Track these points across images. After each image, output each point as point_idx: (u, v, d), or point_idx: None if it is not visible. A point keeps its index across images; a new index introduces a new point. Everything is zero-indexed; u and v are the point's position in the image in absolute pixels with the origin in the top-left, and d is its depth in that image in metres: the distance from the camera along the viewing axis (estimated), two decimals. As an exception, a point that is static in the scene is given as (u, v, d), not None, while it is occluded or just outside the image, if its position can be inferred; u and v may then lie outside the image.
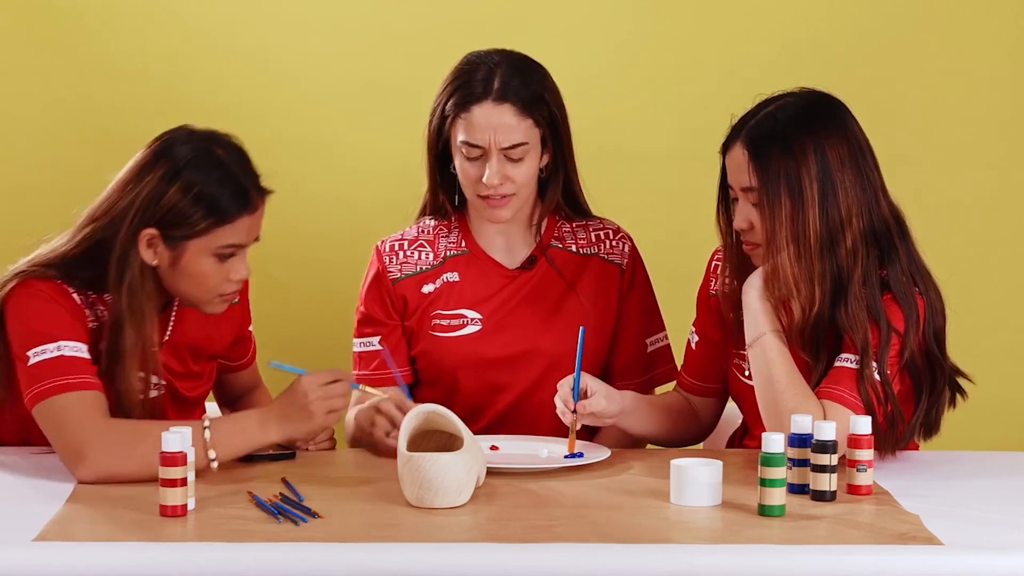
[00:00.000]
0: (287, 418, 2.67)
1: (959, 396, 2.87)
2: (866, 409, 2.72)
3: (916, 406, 2.82)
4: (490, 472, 2.67)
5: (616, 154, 3.86)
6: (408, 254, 3.17)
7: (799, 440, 2.59)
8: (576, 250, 3.18)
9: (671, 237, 3.75)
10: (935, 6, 3.89)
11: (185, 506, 2.44)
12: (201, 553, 2.28)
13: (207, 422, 2.65)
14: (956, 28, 3.89)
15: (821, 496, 2.56)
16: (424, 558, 2.28)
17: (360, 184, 3.91)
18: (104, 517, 2.44)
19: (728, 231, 2.91)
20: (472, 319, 3.13)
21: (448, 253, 3.16)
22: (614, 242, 3.20)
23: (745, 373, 2.92)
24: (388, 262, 3.16)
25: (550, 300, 3.15)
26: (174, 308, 2.91)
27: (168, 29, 3.87)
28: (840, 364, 2.77)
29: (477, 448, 2.59)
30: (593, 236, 3.20)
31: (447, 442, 2.60)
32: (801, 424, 2.60)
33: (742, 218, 2.83)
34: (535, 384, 3.12)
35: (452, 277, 3.15)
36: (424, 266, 3.16)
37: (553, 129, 3.08)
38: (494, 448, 2.90)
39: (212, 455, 2.62)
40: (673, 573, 2.26)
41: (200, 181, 2.73)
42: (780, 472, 2.47)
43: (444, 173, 3.13)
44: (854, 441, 2.60)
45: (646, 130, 3.91)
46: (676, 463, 2.55)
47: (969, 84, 3.90)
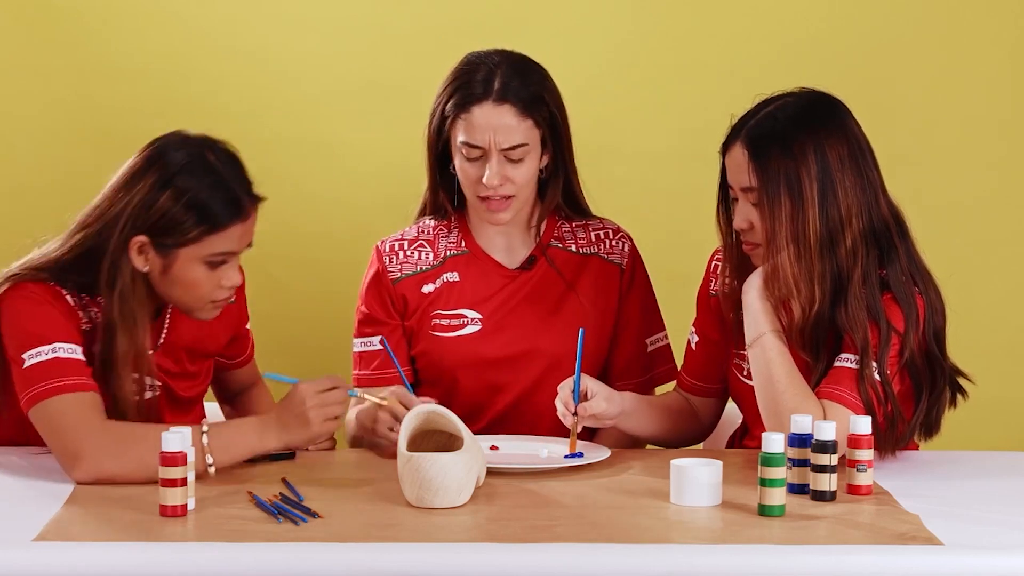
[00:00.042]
0: (285, 426, 2.67)
1: (959, 396, 2.87)
2: (866, 409, 2.72)
3: (916, 406, 2.82)
4: (490, 472, 2.67)
5: (616, 154, 3.86)
6: (408, 254, 3.17)
7: (799, 440, 2.59)
8: (576, 250, 3.18)
9: (671, 237, 3.75)
10: (935, 6, 3.89)
11: (185, 506, 2.44)
12: (201, 553, 2.28)
13: (206, 427, 2.64)
14: (956, 28, 3.89)
15: (821, 496, 2.55)
16: (424, 558, 2.28)
17: (360, 184, 3.91)
18: (104, 517, 2.44)
19: (728, 231, 2.91)
20: (472, 319, 3.13)
21: (448, 253, 3.16)
22: (614, 242, 3.20)
23: (745, 373, 2.92)
24: (388, 262, 3.16)
25: (550, 300, 3.15)
26: (168, 311, 2.90)
27: (168, 29, 3.87)
28: (840, 364, 2.77)
29: (477, 448, 2.59)
30: (593, 236, 3.20)
31: (447, 442, 2.60)
32: (801, 424, 2.60)
33: (742, 218, 2.83)
34: (535, 384, 3.12)
35: (452, 277, 3.15)
36: (424, 266, 3.16)
37: (553, 130, 3.07)
38: (494, 448, 2.90)
39: (209, 460, 2.62)
40: (673, 573, 2.26)
41: (191, 189, 2.71)
42: (780, 472, 2.47)
43: (444, 173, 3.12)
44: (854, 441, 2.59)
45: (646, 130, 3.91)
46: (676, 463, 2.55)
47: (969, 84, 3.90)
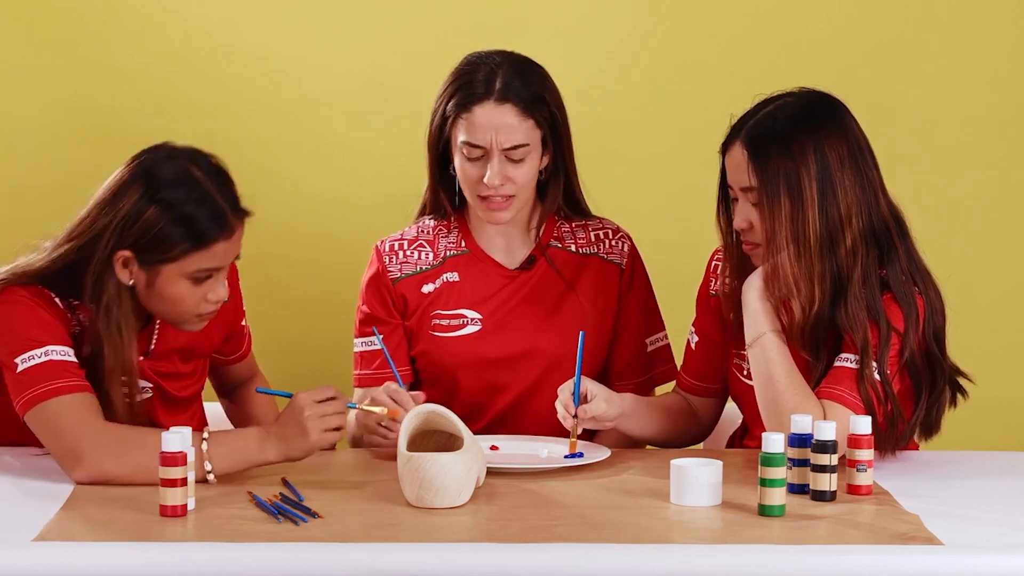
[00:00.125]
0: (285, 438, 2.65)
1: (959, 396, 2.87)
2: (866, 409, 2.72)
3: (916, 406, 2.82)
4: (490, 472, 2.67)
5: (616, 154, 3.86)
6: (408, 254, 3.16)
7: (799, 440, 2.59)
8: (575, 250, 3.18)
9: (671, 237, 3.75)
10: (935, 6, 3.88)
11: (185, 506, 2.44)
12: (201, 553, 2.28)
13: (206, 434, 2.64)
14: (956, 28, 3.89)
15: (821, 496, 2.55)
16: (424, 558, 2.28)
17: (360, 184, 3.90)
18: (104, 517, 2.44)
19: (728, 231, 2.91)
20: (472, 319, 3.13)
21: (448, 253, 3.16)
22: (613, 242, 3.20)
23: (745, 373, 2.92)
24: (388, 262, 3.16)
25: (550, 300, 3.15)
26: (157, 318, 2.88)
27: (168, 29, 3.87)
28: (840, 364, 2.77)
29: (477, 448, 2.59)
30: (592, 236, 3.20)
31: (447, 442, 2.60)
32: (801, 424, 2.60)
33: (742, 218, 2.83)
34: (535, 384, 3.11)
35: (452, 277, 3.15)
36: (424, 266, 3.16)
37: (554, 130, 3.07)
38: (494, 448, 2.90)
39: (208, 467, 2.61)
40: (673, 573, 2.26)
41: (176, 206, 2.68)
42: (780, 472, 2.46)
43: (444, 173, 3.12)
44: (854, 441, 2.59)
45: (646, 130, 3.91)
46: (676, 463, 2.55)
47: (969, 84, 3.90)
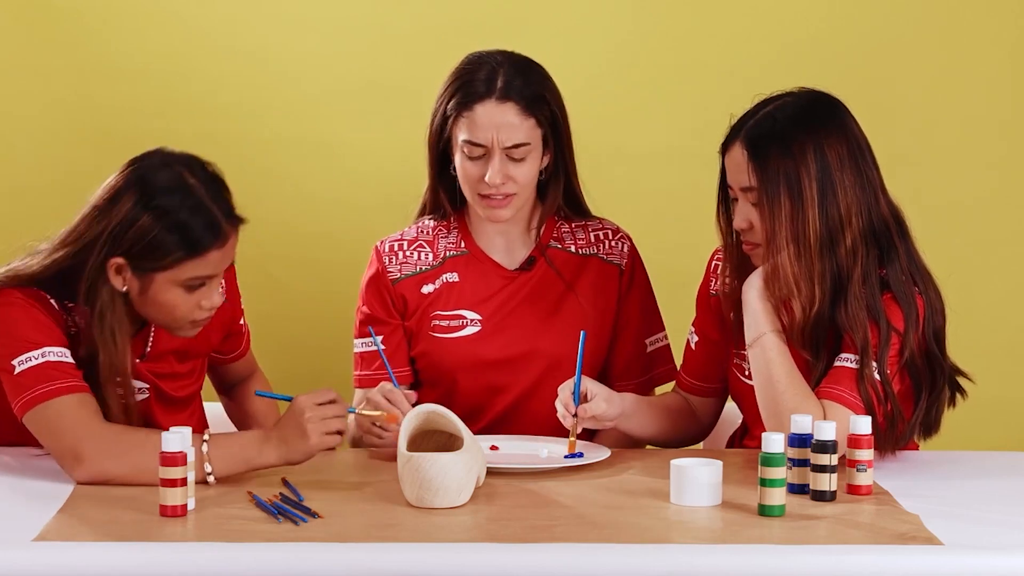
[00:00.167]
0: (285, 440, 2.64)
1: (959, 395, 2.87)
2: (866, 409, 2.72)
3: (916, 406, 2.82)
4: (490, 472, 2.67)
5: (616, 154, 3.86)
6: (408, 254, 3.16)
7: (799, 440, 2.59)
8: (575, 250, 3.18)
9: (671, 237, 3.75)
10: (935, 6, 3.88)
11: (185, 506, 2.44)
12: (201, 553, 2.28)
13: (207, 436, 2.64)
14: (956, 28, 3.89)
15: (821, 496, 2.55)
16: (424, 558, 2.28)
17: (360, 184, 3.90)
18: (104, 517, 2.44)
19: (728, 231, 2.91)
20: (471, 320, 3.13)
21: (447, 254, 3.16)
22: (613, 242, 3.19)
23: (745, 373, 2.92)
24: (388, 262, 3.16)
25: (549, 301, 3.14)
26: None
27: (168, 29, 3.86)
28: (840, 364, 2.77)
29: (477, 448, 2.59)
30: (592, 236, 3.19)
31: (447, 442, 2.60)
32: (801, 424, 2.60)
33: (742, 218, 2.83)
34: (534, 385, 3.11)
35: (451, 278, 3.15)
36: (424, 266, 3.15)
37: (554, 130, 3.07)
38: (494, 448, 2.90)
39: (208, 468, 2.61)
40: (673, 573, 2.26)
41: (170, 214, 2.67)
42: (780, 472, 2.46)
43: (444, 173, 3.12)
44: (854, 441, 2.59)
45: (646, 130, 3.91)
46: (676, 463, 2.55)
47: (969, 84, 3.90)
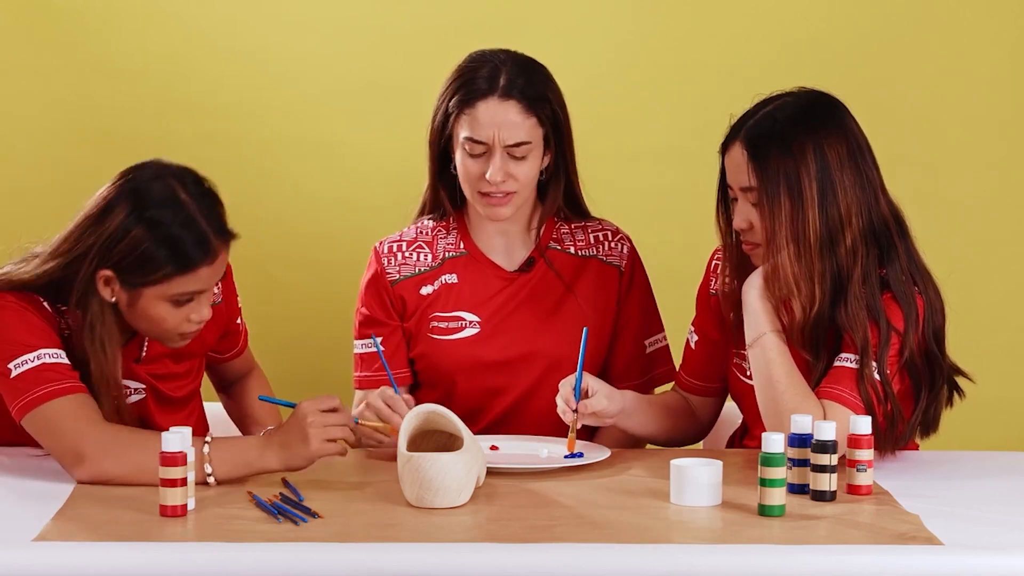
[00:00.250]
0: (287, 445, 2.64)
1: (957, 395, 2.87)
2: (866, 408, 2.72)
3: (916, 405, 2.82)
4: (490, 472, 2.67)
5: (616, 154, 3.86)
6: (407, 255, 3.16)
7: (799, 440, 2.59)
8: (575, 252, 3.18)
9: (671, 237, 3.75)
10: (935, 6, 3.88)
11: (185, 506, 2.44)
12: (201, 553, 2.28)
13: (209, 438, 2.64)
14: (956, 28, 3.89)
15: (821, 496, 2.55)
16: (424, 558, 2.28)
17: (360, 184, 3.90)
18: (104, 517, 2.44)
19: (728, 231, 2.91)
20: (471, 322, 3.13)
21: (447, 255, 3.16)
22: (613, 243, 3.19)
23: (746, 373, 2.92)
24: (386, 263, 3.15)
25: (549, 302, 3.14)
26: None
27: (168, 29, 3.87)
28: (840, 364, 2.77)
29: (477, 448, 2.59)
30: (592, 238, 3.19)
31: (447, 442, 2.60)
32: (801, 424, 2.60)
33: (741, 218, 2.83)
34: (534, 387, 3.11)
35: (450, 279, 3.14)
36: (423, 267, 3.15)
37: (556, 129, 3.07)
38: (494, 448, 2.90)
39: (208, 469, 2.61)
40: (673, 573, 2.26)
41: (160, 229, 2.66)
42: (780, 472, 2.46)
43: (444, 171, 3.12)
44: (854, 441, 2.59)
45: (646, 130, 3.91)
46: (676, 463, 2.54)
47: (969, 84, 3.90)
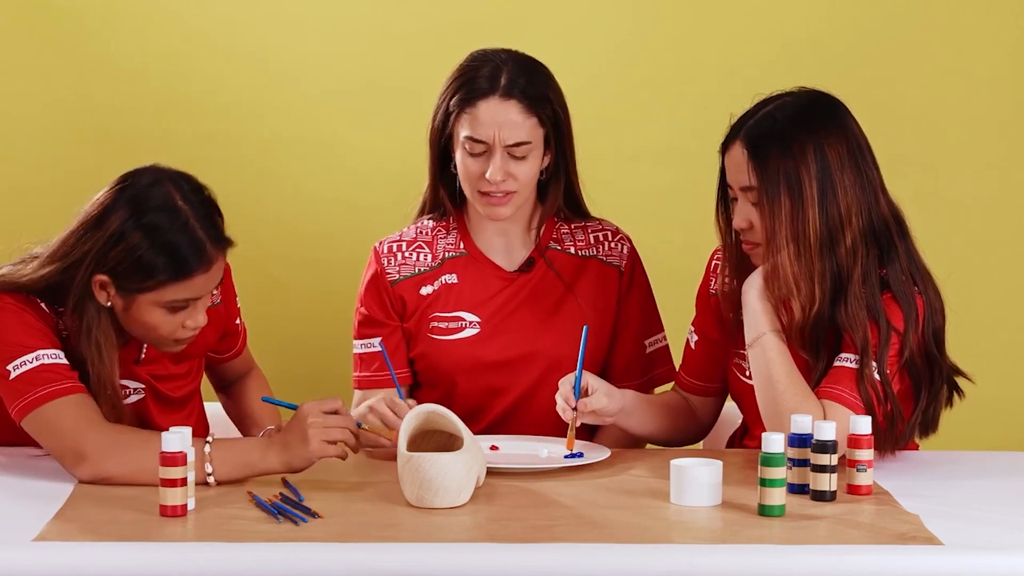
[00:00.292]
0: (287, 445, 2.64)
1: (956, 395, 2.87)
2: (866, 408, 2.72)
3: (915, 405, 2.82)
4: (490, 472, 2.67)
5: (616, 154, 3.86)
6: (407, 255, 3.16)
7: (799, 440, 2.59)
8: (575, 252, 3.18)
9: (671, 237, 3.75)
10: (935, 6, 3.88)
11: (185, 506, 2.44)
12: (201, 553, 2.28)
13: (210, 439, 2.64)
14: (956, 28, 3.89)
15: (821, 496, 2.55)
16: (424, 558, 2.28)
17: (360, 184, 3.90)
18: (104, 517, 2.44)
19: (728, 231, 2.91)
20: (471, 322, 3.13)
21: (446, 255, 3.16)
22: (613, 244, 3.19)
23: (745, 373, 2.92)
24: (386, 263, 3.15)
25: (549, 302, 3.14)
26: None
27: (168, 29, 3.87)
28: (840, 364, 2.77)
29: (477, 448, 2.59)
30: (592, 238, 3.19)
31: (447, 442, 2.60)
32: (801, 424, 2.60)
33: (741, 218, 2.83)
34: (534, 387, 3.11)
35: (450, 279, 3.14)
36: (422, 267, 3.15)
37: (556, 130, 3.07)
38: (494, 448, 2.90)
39: (209, 469, 2.61)
40: (673, 573, 2.26)
41: (156, 235, 2.66)
42: (780, 472, 2.47)
43: (445, 171, 3.12)
44: (854, 441, 2.59)
45: (646, 130, 3.91)
46: (676, 463, 2.55)
47: (969, 84, 3.90)
